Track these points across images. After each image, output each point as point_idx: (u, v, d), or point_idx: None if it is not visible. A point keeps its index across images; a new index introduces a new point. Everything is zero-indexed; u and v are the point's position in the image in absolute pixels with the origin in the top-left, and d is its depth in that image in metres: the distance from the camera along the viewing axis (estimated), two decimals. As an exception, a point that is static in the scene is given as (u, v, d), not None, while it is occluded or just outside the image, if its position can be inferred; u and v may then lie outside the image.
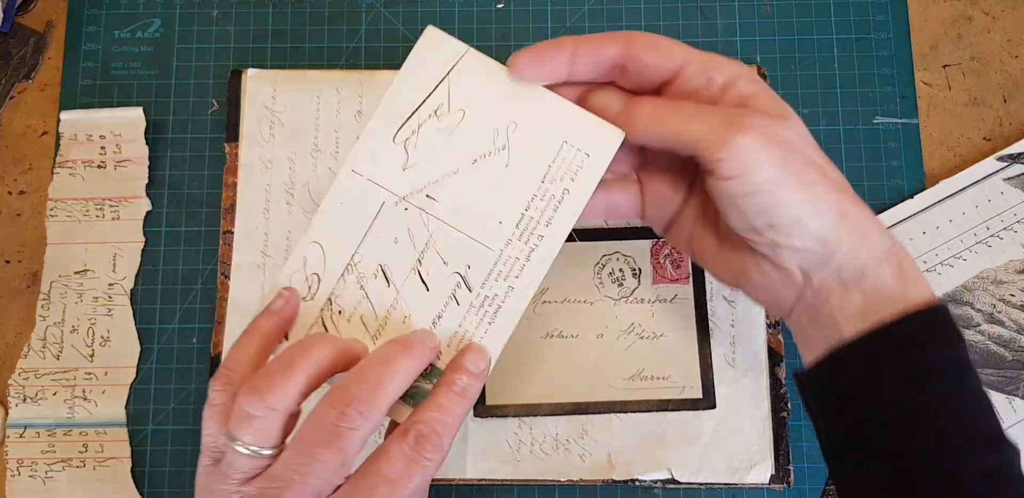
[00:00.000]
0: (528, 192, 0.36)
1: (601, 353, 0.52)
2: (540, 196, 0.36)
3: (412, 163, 0.35)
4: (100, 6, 0.58)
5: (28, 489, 0.52)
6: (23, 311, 0.54)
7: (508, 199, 0.36)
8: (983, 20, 0.58)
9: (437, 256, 0.36)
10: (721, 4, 0.57)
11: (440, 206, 0.36)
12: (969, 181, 0.54)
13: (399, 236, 0.35)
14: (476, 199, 0.36)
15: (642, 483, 0.51)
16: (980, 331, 0.52)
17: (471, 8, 0.58)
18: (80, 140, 0.55)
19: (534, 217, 0.36)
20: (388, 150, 0.35)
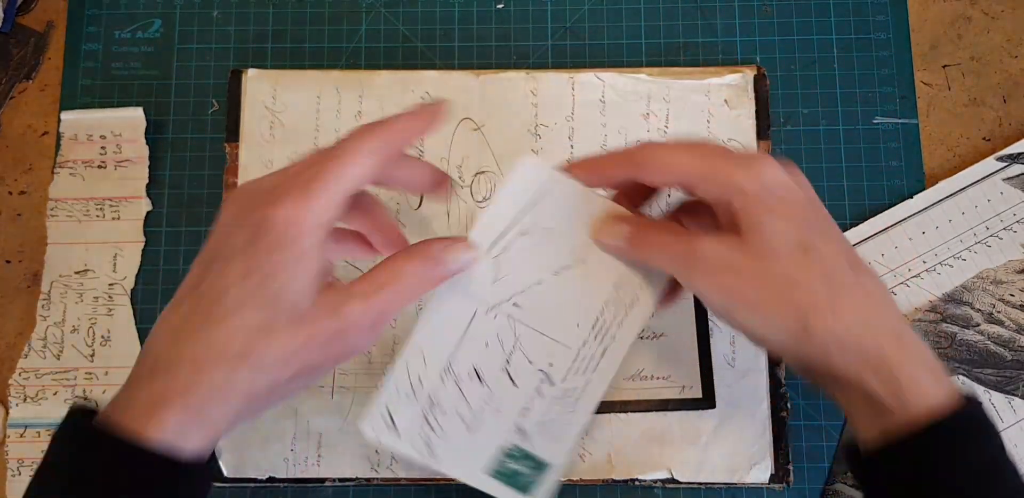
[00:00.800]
0: (602, 299, 0.40)
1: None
2: (613, 302, 0.40)
3: (502, 276, 0.40)
4: (100, 6, 0.58)
5: (28, 489, 0.52)
6: (23, 311, 0.54)
7: (585, 305, 0.40)
8: (983, 20, 0.58)
9: (523, 356, 0.40)
10: (721, 4, 0.57)
11: (525, 312, 0.40)
12: (969, 181, 0.54)
13: (489, 341, 0.40)
14: (556, 305, 0.40)
15: (642, 483, 0.51)
16: (979, 331, 0.52)
17: (471, 8, 0.58)
18: (80, 140, 0.55)
19: (607, 320, 0.40)
20: (482, 265, 0.39)
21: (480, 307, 0.40)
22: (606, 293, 0.40)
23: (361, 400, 0.52)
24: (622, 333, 0.40)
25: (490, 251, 0.39)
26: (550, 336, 0.40)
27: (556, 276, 0.40)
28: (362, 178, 0.35)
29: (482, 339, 0.40)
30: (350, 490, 0.52)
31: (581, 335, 0.40)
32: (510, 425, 0.40)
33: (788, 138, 0.55)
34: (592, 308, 0.40)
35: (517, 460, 0.40)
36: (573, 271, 0.40)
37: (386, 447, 0.40)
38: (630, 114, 0.55)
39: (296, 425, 0.52)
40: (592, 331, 0.40)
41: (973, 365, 0.52)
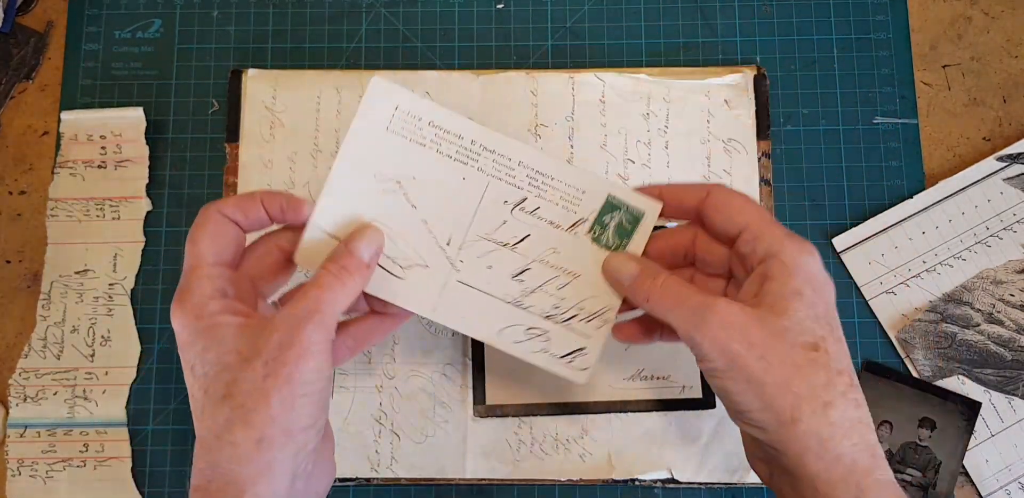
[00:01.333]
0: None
1: (601, 353, 0.52)
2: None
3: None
4: (100, 6, 0.58)
5: (28, 489, 0.52)
6: (23, 311, 0.54)
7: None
8: (983, 20, 0.58)
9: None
10: (721, 4, 0.57)
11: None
12: (969, 181, 0.54)
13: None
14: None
15: (642, 483, 0.51)
16: (979, 331, 0.52)
17: (471, 8, 0.58)
18: (80, 140, 0.55)
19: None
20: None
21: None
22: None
23: (361, 400, 0.52)
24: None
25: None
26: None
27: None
28: (213, 250, 0.38)
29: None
30: (350, 490, 0.52)
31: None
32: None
33: (788, 138, 0.55)
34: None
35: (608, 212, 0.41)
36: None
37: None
38: (630, 114, 0.55)
39: (296, 425, 0.52)
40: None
41: (973, 365, 0.52)
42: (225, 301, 0.37)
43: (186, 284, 0.37)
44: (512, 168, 0.41)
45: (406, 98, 0.40)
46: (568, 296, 0.41)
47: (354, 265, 0.38)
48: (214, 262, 0.38)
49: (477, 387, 0.51)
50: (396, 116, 0.40)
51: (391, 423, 0.52)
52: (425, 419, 0.52)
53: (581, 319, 0.41)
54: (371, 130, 0.40)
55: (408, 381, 0.52)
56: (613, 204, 0.41)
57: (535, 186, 0.41)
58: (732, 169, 0.54)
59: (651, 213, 0.41)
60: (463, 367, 0.52)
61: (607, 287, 0.41)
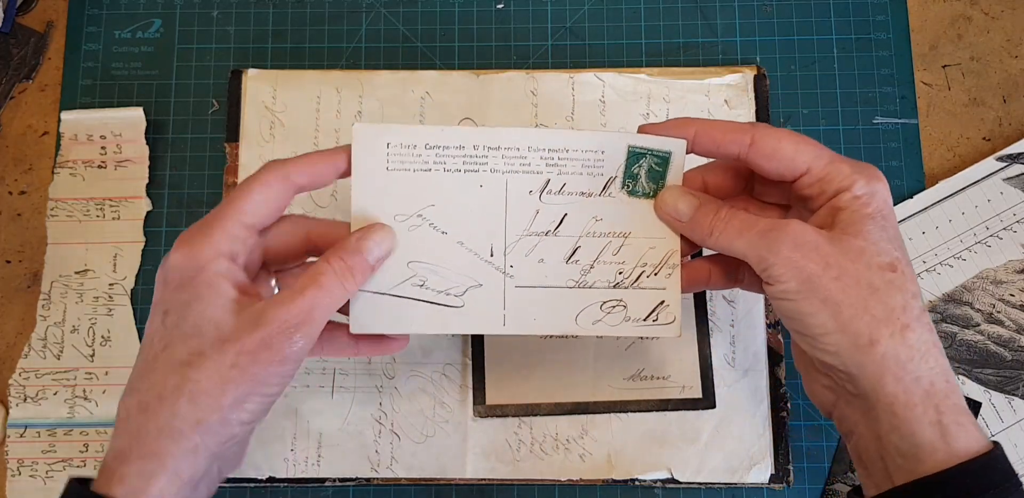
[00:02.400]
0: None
1: (601, 353, 0.52)
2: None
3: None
4: (100, 6, 0.58)
5: (28, 489, 0.52)
6: (23, 311, 0.54)
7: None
8: (983, 20, 0.58)
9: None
10: (721, 4, 0.57)
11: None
12: (969, 181, 0.54)
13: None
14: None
15: (642, 483, 0.51)
16: (980, 331, 0.52)
17: (471, 8, 0.58)
18: (80, 140, 0.55)
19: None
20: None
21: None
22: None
23: (361, 400, 0.52)
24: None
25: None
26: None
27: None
28: (258, 208, 0.37)
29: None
30: (350, 490, 0.52)
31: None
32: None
33: (788, 138, 0.55)
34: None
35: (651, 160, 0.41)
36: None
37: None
38: (630, 114, 0.55)
39: (296, 425, 0.52)
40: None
41: (973, 365, 0.52)
42: (233, 267, 0.36)
43: (207, 229, 0.36)
44: (524, 156, 0.40)
45: (394, 133, 0.39)
46: (627, 258, 0.40)
47: (359, 267, 0.37)
48: (248, 223, 0.37)
49: (477, 387, 0.51)
50: (390, 153, 0.39)
51: (391, 423, 0.52)
52: (425, 419, 0.52)
53: (649, 275, 0.40)
54: (372, 176, 0.39)
55: (408, 381, 0.52)
56: (636, 153, 0.40)
57: (553, 165, 0.40)
58: (732, 169, 0.54)
59: (678, 150, 0.39)
60: (463, 367, 0.52)
61: (661, 232, 0.40)
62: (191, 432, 0.34)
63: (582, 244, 0.40)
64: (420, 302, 0.40)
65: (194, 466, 0.34)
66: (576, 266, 0.40)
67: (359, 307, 0.39)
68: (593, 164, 0.40)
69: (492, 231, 0.40)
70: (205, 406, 0.34)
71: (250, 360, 0.34)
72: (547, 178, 0.40)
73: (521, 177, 0.40)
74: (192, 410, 0.34)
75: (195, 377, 0.34)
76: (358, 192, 0.39)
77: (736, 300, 0.53)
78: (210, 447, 0.34)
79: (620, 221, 0.40)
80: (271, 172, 0.37)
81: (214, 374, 0.34)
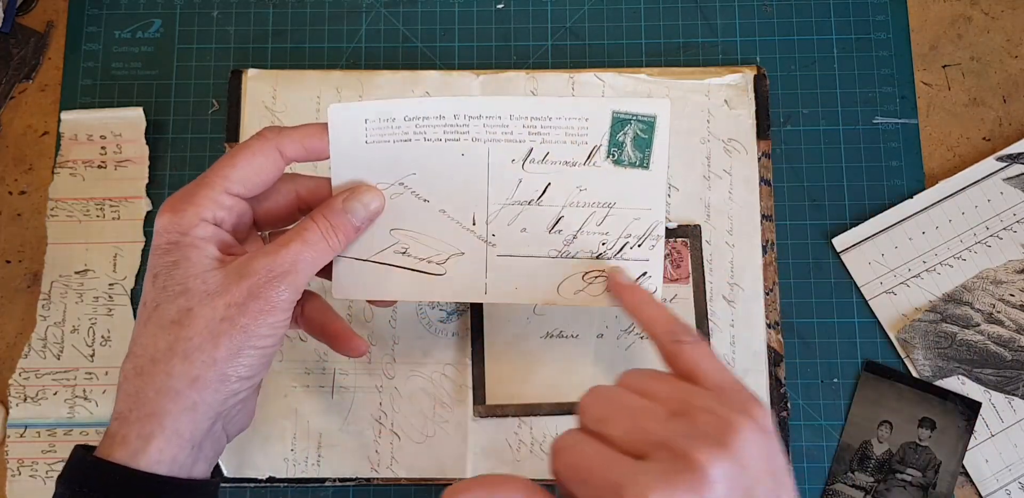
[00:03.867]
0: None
1: (601, 353, 0.52)
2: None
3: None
4: (100, 6, 0.58)
5: (28, 489, 0.52)
6: (23, 311, 0.54)
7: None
8: (983, 20, 0.58)
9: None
10: (721, 4, 0.57)
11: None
12: (969, 181, 0.54)
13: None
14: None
15: (642, 483, 0.51)
16: (980, 331, 0.52)
17: (471, 8, 0.58)
18: (80, 140, 0.55)
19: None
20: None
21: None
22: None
23: (361, 400, 0.52)
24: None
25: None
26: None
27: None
28: (245, 177, 0.37)
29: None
30: (350, 490, 0.52)
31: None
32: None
33: (788, 138, 0.55)
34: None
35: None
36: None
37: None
38: (630, 114, 0.55)
39: (296, 425, 0.52)
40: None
41: (973, 365, 0.52)
42: (218, 231, 0.36)
43: (191, 195, 0.36)
44: (505, 125, 0.39)
45: (371, 108, 0.38)
46: (611, 228, 0.40)
47: (344, 226, 0.37)
48: (234, 191, 0.37)
49: (477, 387, 0.51)
50: (368, 128, 0.39)
51: (391, 423, 0.52)
52: (425, 419, 0.52)
53: (633, 246, 0.40)
54: (351, 151, 0.39)
55: (408, 381, 0.52)
56: (621, 119, 0.39)
57: (535, 133, 0.39)
58: (732, 169, 0.54)
59: (663, 113, 0.39)
60: (463, 367, 0.52)
61: (647, 203, 0.40)
62: (188, 390, 0.34)
63: (565, 214, 0.40)
64: (402, 269, 0.40)
65: (194, 424, 0.34)
66: (559, 236, 0.40)
67: (341, 272, 0.40)
68: (577, 132, 0.39)
69: (474, 200, 0.40)
70: (200, 362, 0.34)
71: (239, 311, 0.34)
72: (530, 147, 0.39)
73: (503, 146, 0.39)
74: (187, 368, 0.34)
75: (186, 335, 0.34)
76: (337, 166, 0.39)
77: (736, 300, 0.53)
78: (210, 404, 0.34)
79: (605, 191, 0.40)
80: (262, 141, 0.37)
81: (204, 329, 0.34)
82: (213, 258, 0.35)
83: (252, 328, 0.34)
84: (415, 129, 0.39)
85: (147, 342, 0.35)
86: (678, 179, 0.54)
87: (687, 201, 0.54)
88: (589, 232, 0.40)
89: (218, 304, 0.34)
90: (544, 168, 0.40)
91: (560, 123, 0.39)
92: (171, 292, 0.35)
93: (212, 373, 0.34)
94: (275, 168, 0.37)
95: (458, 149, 0.39)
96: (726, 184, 0.54)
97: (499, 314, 0.52)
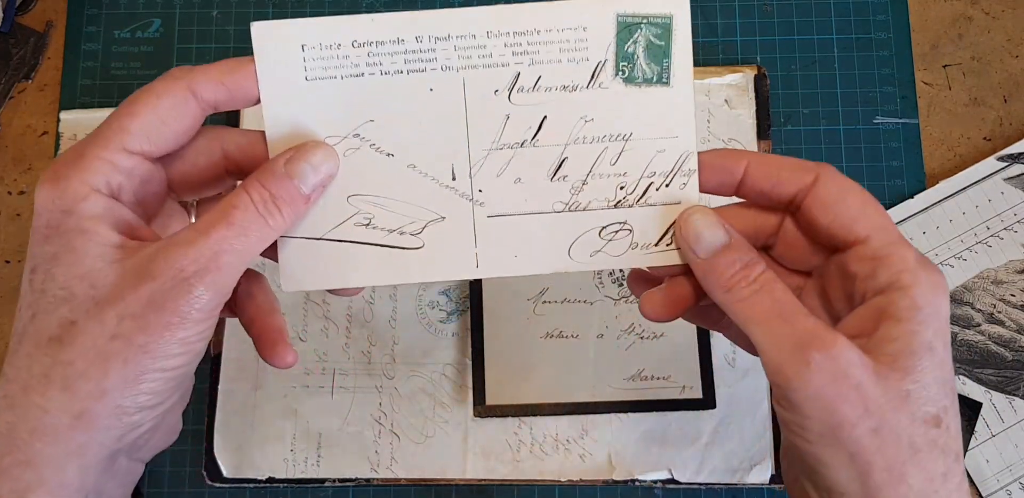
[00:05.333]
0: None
1: (601, 353, 0.52)
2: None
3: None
4: (100, 6, 0.58)
5: None
6: (23, 311, 0.54)
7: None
8: (983, 20, 0.57)
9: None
10: (721, 4, 0.57)
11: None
12: (969, 181, 0.54)
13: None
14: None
15: (642, 483, 0.51)
16: (980, 331, 0.52)
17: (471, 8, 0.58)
18: (80, 140, 0.55)
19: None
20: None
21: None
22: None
23: (361, 400, 0.52)
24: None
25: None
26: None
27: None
28: (149, 129, 0.28)
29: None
30: (350, 490, 0.52)
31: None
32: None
33: (788, 138, 0.55)
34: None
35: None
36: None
37: None
38: (630, 114, 0.54)
39: (296, 425, 0.52)
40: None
41: (974, 365, 0.52)
42: (114, 205, 0.28)
43: (78, 157, 0.28)
44: (483, 45, 0.31)
45: (309, 29, 0.30)
46: (630, 166, 0.32)
47: (289, 197, 0.29)
48: (136, 148, 0.28)
49: (477, 387, 0.51)
50: (308, 57, 0.31)
51: (391, 423, 0.52)
52: (425, 419, 0.52)
53: (659, 186, 0.32)
54: (287, 91, 0.31)
55: (408, 381, 0.52)
56: (628, 24, 0.31)
57: (522, 53, 0.31)
58: (732, 169, 0.54)
59: (680, 10, 0.32)
60: (463, 367, 0.52)
61: (672, 129, 0.32)
62: (70, 430, 0.26)
63: (570, 154, 0.32)
64: (368, 246, 0.32)
65: (83, 471, 0.27)
66: (564, 184, 0.32)
67: (290, 258, 0.32)
68: (574, 46, 0.31)
69: (452, 148, 0.32)
70: (84, 394, 0.26)
71: (136, 326, 0.26)
72: (516, 71, 0.31)
73: (482, 73, 0.31)
74: (67, 400, 0.26)
75: (66, 358, 0.26)
76: (271, 112, 0.31)
77: (736, 300, 0.53)
78: (103, 444, 0.27)
79: (617, 119, 0.32)
80: (169, 81, 0.29)
81: (90, 350, 0.26)
82: (108, 246, 0.27)
83: (155, 347, 0.26)
84: (368, 59, 0.31)
85: (20, 364, 0.26)
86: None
87: (687, 201, 0.54)
88: (602, 175, 0.32)
89: (108, 316, 0.26)
90: (536, 97, 0.31)
91: (552, 36, 0.31)
92: (51, 297, 0.27)
93: (102, 407, 0.26)
94: (188, 116, 0.29)
95: (425, 82, 0.31)
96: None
97: (499, 314, 0.52)
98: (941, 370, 0.27)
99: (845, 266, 0.30)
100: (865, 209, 0.29)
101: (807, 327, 0.27)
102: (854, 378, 0.26)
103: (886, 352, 0.27)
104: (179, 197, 0.33)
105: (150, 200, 0.30)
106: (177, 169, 0.31)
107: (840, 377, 0.26)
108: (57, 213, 0.27)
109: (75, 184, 0.27)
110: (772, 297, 0.28)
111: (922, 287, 0.28)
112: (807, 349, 0.27)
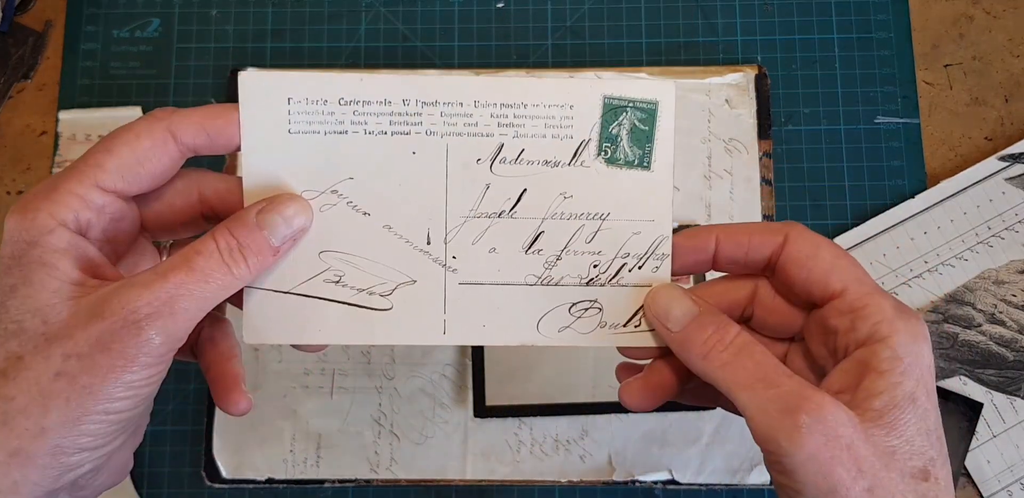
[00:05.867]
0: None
1: (601, 353, 0.52)
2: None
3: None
4: (99, 5, 0.58)
5: None
6: (22, 311, 0.54)
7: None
8: (984, 19, 0.57)
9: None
10: (722, 4, 0.57)
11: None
12: (970, 181, 0.54)
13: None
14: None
15: (642, 484, 0.51)
16: (981, 331, 0.52)
17: (471, 8, 0.58)
18: (79, 140, 0.55)
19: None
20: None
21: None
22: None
23: (361, 401, 0.52)
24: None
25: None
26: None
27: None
28: (125, 168, 0.28)
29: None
30: (349, 491, 0.52)
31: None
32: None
33: (789, 138, 0.55)
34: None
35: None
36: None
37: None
38: (630, 114, 0.54)
39: (295, 426, 0.51)
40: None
41: (975, 366, 0.52)
42: (78, 241, 0.28)
43: (50, 189, 0.27)
44: (469, 114, 0.31)
45: (298, 83, 0.31)
46: (605, 245, 0.32)
47: (257, 248, 0.29)
48: (110, 186, 0.28)
49: (477, 387, 0.51)
50: (293, 111, 0.31)
51: (391, 424, 0.51)
52: (425, 420, 0.51)
53: (632, 268, 0.32)
54: (270, 141, 0.31)
55: (408, 382, 0.52)
56: (614, 106, 0.32)
57: (507, 125, 0.31)
58: (733, 169, 0.54)
59: (666, 98, 0.31)
60: (463, 367, 0.52)
61: (649, 213, 0.32)
62: (3, 466, 0.25)
63: (546, 228, 0.32)
64: (335, 303, 0.32)
65: None
66: (539, 257, 0.32)
67: (254, 309, 0.32)
68: (560, 123, 0.32)
69: (429, 212, 0.32)
70: (21, 430, 0.25)
71: (81, 366, 0.26)
72: (500, 142, 0.32)
73: (466, 141, 0.32)
74: (3, 436, 0.25)
75: (8, 392, 0.25)
76: (250, 161, 0.31)
77: (737, 300, 0.53)
78: (38, 483, 0.26)
79: (596, 198, 0.32)
80: (151, 121, 0.29)
81: (33, 387, 0.25)
82: (66, 282, 0.27)
83: (99, 389, 0.26)
84: (353, 117, 0.31)
85: None
86: (678, 179, 0.54)
87: (688, 201, 0.53)
88: (577, 251, 0.32)
89: (55, 353, 0.26)
90: (518, 169, 0.32)
91: (538, 111, 0.31)
92: (2, 330, 0.26)
93: (39, 445, 0.25)
94: (166, 157, 0.29)
95: (408, 145, 0.31)
96: (727, 184, 0.54)
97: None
98: (924, 421, 0.27)
99: (825, 321, 0.30)
100: (838, 262, 0.29)
101: (792, 388, 0.27)
102: (845, 438, 0.26)
103: (871, 407, 0.27)
104: (153, 237, 0.33)
105: (121, 238, 0.30)
106: (152, 209, 0.31)
107: (832, 439, 0.26)
108: (22, 244, 0.27)
109: (43, 216, 0.27)
110: (753, 360, 0.28)
111: (901, 337, 0.28)
112: (796, 413, 0.26)
